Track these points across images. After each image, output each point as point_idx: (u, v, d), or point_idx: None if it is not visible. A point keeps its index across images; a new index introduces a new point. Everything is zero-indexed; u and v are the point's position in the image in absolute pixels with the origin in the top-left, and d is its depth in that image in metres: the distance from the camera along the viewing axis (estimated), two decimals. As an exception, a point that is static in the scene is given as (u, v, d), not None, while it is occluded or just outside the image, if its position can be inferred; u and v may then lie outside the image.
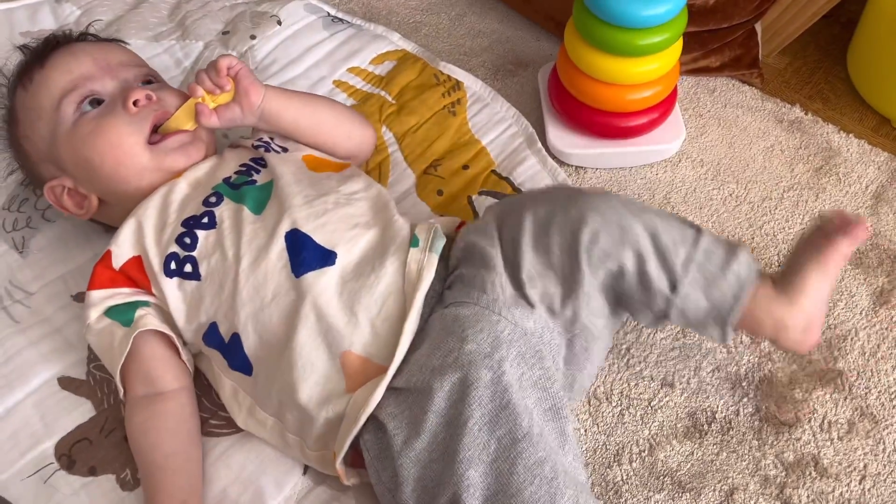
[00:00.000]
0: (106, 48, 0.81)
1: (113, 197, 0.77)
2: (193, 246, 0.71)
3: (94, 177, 0.75)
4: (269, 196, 0.73)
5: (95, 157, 0.74)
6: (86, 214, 0.79)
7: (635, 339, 0.84)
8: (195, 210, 0.73)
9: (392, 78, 1.02)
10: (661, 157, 0.99)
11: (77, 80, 0.75)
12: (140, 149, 0.74)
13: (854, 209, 0.94)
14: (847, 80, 1.10)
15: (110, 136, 0.74)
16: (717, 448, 0.76)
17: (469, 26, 1.17)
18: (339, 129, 0.83)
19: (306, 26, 1.07)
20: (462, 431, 0.60)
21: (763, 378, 0.81)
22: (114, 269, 0.73)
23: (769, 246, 0.91)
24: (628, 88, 0.91)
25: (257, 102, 0.76)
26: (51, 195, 0.78)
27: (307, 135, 0.81)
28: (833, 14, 1.09)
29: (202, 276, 0.71)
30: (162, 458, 0.69)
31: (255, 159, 0.78)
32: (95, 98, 0.76)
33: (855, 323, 0.85)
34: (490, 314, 0.65)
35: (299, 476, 0.72)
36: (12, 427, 0.74)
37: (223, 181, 0.75)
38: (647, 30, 0.85)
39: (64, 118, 0.75)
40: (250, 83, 0.76)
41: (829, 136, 1.02)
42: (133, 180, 0.75)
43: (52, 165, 0.77)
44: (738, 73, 1.08)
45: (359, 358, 0.66)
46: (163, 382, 0.71)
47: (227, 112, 0.76)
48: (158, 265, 0.72)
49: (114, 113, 0.74)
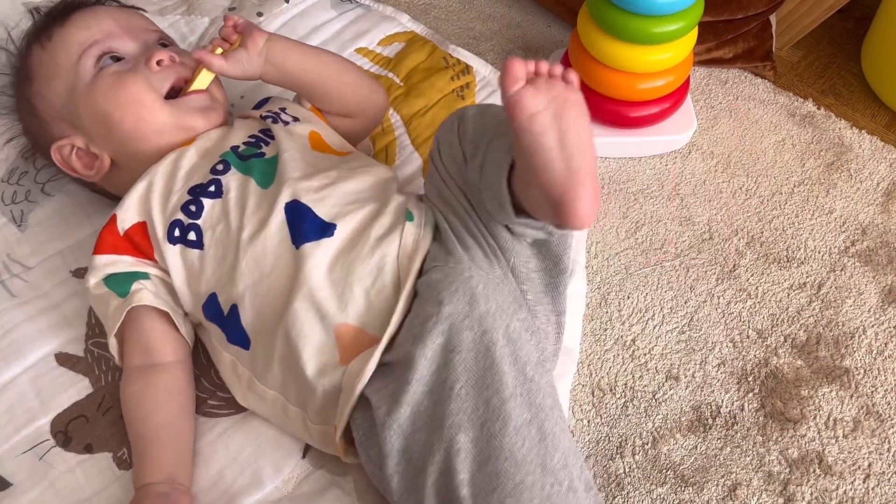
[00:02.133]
0: (127, 12, 0.81)
1: (127, 157, 0.76)
2: (199, 214, 0.71)
3: (112, 133, 0.75)
4: (276, 170, 0.73)
5: (116, 111, 0.73)
6: (95, 176, 0.77)
7: (640, 331, 0.83)
8: (202, 178, 0.72)
9: (400, 60, 1.01)
10: (671, 148, 0.98)
11: (98, 36, 0.75)
12: (160, 104, 0.74)
13: (865, 206, 0.93)
14: (860, 75, 1.09)
15: (132, 90, 0.73)
16: (721, 443, 0.76)
17: (479, 10, 1.15)
18: (345, 78, 0.81)
19: (314, 4, 1.06)
20: (449, 396, 0.59)
21: (769, 374, 0.80)
22: (118, 234, 0.73)
23: (778, 241, 0.90)
24: (641, 77, 0.90)
25: (261, 42, 0.76)
26: (57, 154, 0.76)
27: (314, 82, 0.80)
28: (848, 9, 1.08)
29: (205, 246, 0.70)
30: (153, 430, 0.68)
31: (264, 130, 0.77)
32: (115, 55, 0.76)
33: (863, 321, 0.84)
34: (462, 271, 0.64)
35: (298, 459, 0.71)
36: (8, 402, 0.73)
37: (231, 149, 0.74)
38: (663, 17, 0.84)
39: (83, 72, 0.74)
40: (255, 28, 0.77)
41: (841, 131, 1.01)
42: (153, 137, 0.75)
43: (66, 123, 0.76)
44: (750, 66, 1.06)
45: (353, 329, 0.65)
46: (160, 354, 0.71)
47: (235, 54, 0.76)
48: (162, 232, 0.71)
49: (136, 69, 0.74)
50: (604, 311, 0.84)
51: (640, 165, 0.97)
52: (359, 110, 0.83)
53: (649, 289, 0.86)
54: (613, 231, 0.91)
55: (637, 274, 0.87)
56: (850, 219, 0.92)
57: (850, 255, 0.89)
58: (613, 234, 0.91)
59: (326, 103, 0.82)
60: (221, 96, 0.80)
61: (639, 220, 0.92)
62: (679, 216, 0.93)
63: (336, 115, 0.82)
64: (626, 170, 0.97)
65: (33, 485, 0.69)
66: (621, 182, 0.96)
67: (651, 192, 0.95)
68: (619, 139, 0.96)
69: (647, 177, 0.96)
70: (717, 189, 0.95)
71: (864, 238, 0.91)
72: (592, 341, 0.82)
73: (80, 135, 0.76)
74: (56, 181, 0.87)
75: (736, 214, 0.93)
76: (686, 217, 0.93)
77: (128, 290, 0.71)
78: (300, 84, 0.80)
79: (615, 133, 0.95)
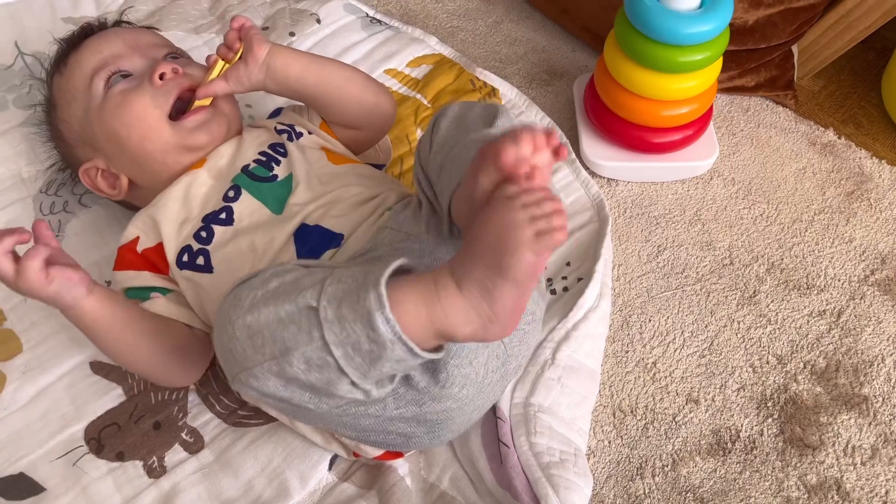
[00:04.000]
0: (137, 31, 0.82)
1: (140, 176, 0.78)
2: (209, 240, 0.73)
3: (123, 152, 0.76)
4: (289, 192, 0.74)
5: (123, 129, 0.75)
6: (118, 195, 0.80)
7: (661, 354, 0.84)
8: (215, 205, 0.74)
9: (428, 82, 1.03)
10: (693, 174, 0.99)
11: (107, 58, 0.77)
12: (162, 123, 0.75)
13: (884, 235, 0.95)
14: (880, 106, 1.10)
15: (136, 108, 0.74)
16: (741, 467, 0.77)
17: (505, 34, 1.17)
18: (349, 90, 0.81)
19: (345, 26, 1.08)
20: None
21: (788, 399, 0.81)
22: (136, 253, 0.75)
23: (798, 268, 0.92)
24: (665, 104, 0.91)
25: (261, 56, 0.75)
26: (86, 178, 0.79)
27: (315, 95, 0.80)
28: (869, 41, 1.10)
29: (214, 269, 0.72)
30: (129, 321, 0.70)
31: (275, 146, 0.78)
32: (123, 72, 0.77)
33: (882, 349, 0.85)
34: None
35: (325, 472, 0.73)
36: (44, 408, 0.75)
37: (242, 171, 0.75)
38: (689, 47, 0.85)
39: (95, 94, 0.76)
40: (256, 38, 0.76)
41: (861, 161, 1.02)
42: (158, 156, 0.76)
43: (88, 146, 0.79)
44: (772, 94, 1.08)
45: None
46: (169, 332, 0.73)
47: (233, 71, 0.76)
48: (172, 256, 0.73)
49: (140, 86, 0.75)
50: (625, 334, 0.86)
51: (662, 190, 0.99)
52: (363, 123, 0.83)
53: (671, 312, 0.88)
54: (636, 254, 0.92)
55: (659, 297, 0.89)
56: (870, 248, 0.93)
57: (869, 284, 0.90)
58: (636, 258, 0.92)
59: (330, 115, 0.82)
60: (229, 108, 0.80)
61: (661, 245, 0.94)
62: (700, 241, 0.94)
63: (341, 126, 0.83)
64: (648, 194, 0.98)
65: (66, 490, 0.71)
66: (644, 206, 0.97)
67: (673, 217, 0.96)
68: (642, 164, 0.97)
69: (670, 202, 0.98)
70: (739, 215, 0.97)
71: (883, 267, 0.92)
72: (614, 363, 0.83)
73: (100, 156, 0.78)
74: (92, 193, 0.90)
75: (756, 241, 0.94)
76: (707, 242, 0.94)
77: (147, 297, 0.73)
78: (302, 97, 0.81)
79: (639, 158, 0.97)
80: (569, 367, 0.76)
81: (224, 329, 0.56)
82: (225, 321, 0.56)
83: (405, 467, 0.72)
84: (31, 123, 0.93)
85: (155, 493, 0.71)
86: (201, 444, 0.74)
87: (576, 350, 0.77)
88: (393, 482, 0.71)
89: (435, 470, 0.73)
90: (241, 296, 0.56)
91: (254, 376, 0.56)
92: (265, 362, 0.55)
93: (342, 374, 0.54)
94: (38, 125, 0.89)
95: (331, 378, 0.54)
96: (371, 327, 0.52)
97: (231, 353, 0.56)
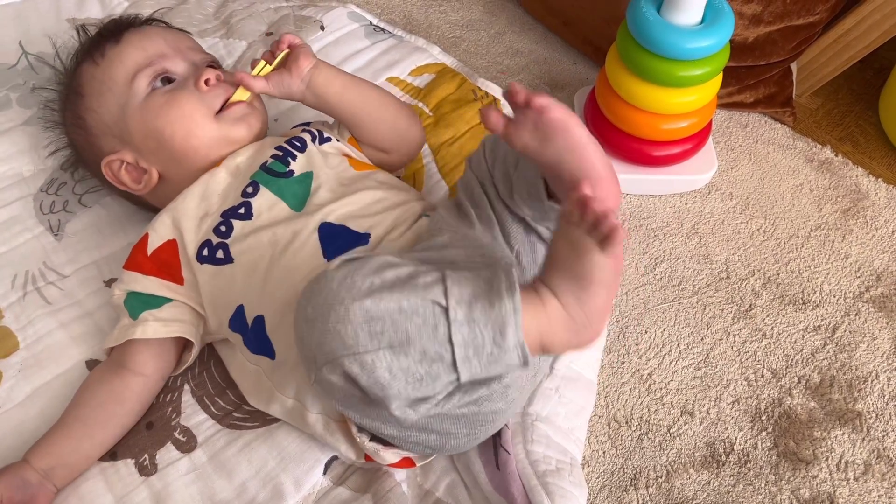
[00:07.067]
0: (176, 33, 0.84)
1: (176, 170, 0.79)
2: (228, 234, 0.73)
3: (163, 148, 0.77)
4: (308, 192, 0.75)
5: (167, 128, 0.76)
6: (143, 189, 0.80)
7: (657, 366, 0.84)
8: (234, 201, 0.75)
9: (430, 91, 1.04)
10: (691, 188, 1.00)
11: (152, 57, 0.78)
12: (209, 120, 0.77)
13: (880, 253, 0.95)
14: (878, 125, 1.11)
15: (183, 108, 0.76)
16: (734, 479, 0.77)
17: (508, 45, 1.18)
18: (383, 115, 0.83)
19: (349, 33, 1.09)
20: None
21: (782, 413, 0.81)
22: (145, 254, 0.75)
23: (794, 283, 0.92)
24: (665, 118, 0.92)
25: (306, 67, 0.78)
26: (108, 170, 0.79)
27: (349, 114, 0.82)
28: (867, 60, 1.11)
29: (234, 259, 0.73)
30: (85, 417, 0.71)
31: (293, 140, 0.79)
32: (167, 76, 0.79)
33: (876, 366, 0.85)
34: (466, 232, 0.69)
35: (319, 476, 0.72)
36: (40, 405, 0.75)
37: (261, 168, 0.77)
38: (690, 62, 0.86)
39: (137, 91, 0.77)
40: (303, 51, 0.79)
41: (857, 178, 1.03)
42: (202, 151, 0.77)
43: (116, 139, 0.79)
44: (771, 111, 1.09)
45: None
46: (142, 367, 0.74)
47: (276, 75, 0.78)
48: (193, 250, 0.74)
49: (186, 89, 0.77)
50: (621, 345, 0.86)
51: (660, 203, 0.99)
52: (393, 146, 0.85)
53: (667, 324, 0.88)
54: (633, 266, 0.93)
55: (655, 309, 0.89)
56: (866, 265, 0.94)
57: (864, 301, 0.91)
58: (633, 269, 0.93)
59: (361, 135, 0.84)
60: (261, 106, 0.83)
61: (658, 257, 0.94)
62: (697, 254, 0.95)
63: (372, 148, 0.84)
64: (646, 207, 0.99)
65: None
66: (642, 219, 0.98)
67: (671, 230, 0.97)
68: (640, 177, 0.98)
69: (668, 215, 0.98)
70: (736, 229, 0.97)
71: (878, 284, 0.92)
72: (610, 374, 0.84)
73: (129, 150, 0.78)
74: (93, 193, 0.90)
75: (753, 255, 0.95)
76: (704, 255, 0.95)
77: (138, 315, 0.74)
78: (336, 114, 0.82)
79: (637, 171, 0.98)
80: (567, 378, 0.76)
81: (332, 309, 0.55)
82: (335, 301, 0.55)
83: (402, 473, 0.72)
84: (36, 119, 0.94)
85: (146, 491, 0.71)
86: (194, 443, 0.74)
87: (574, 360, 0.77)
88: (389, 487, 0.71)
89: (431, 477, 0.73)
90: (357, 280, 0.55)
91: (360, 362, 0.55)
92: (380, 350, 0.54)
93: (452, 371, 0.55)
94: (43, 108, 0.89)
95: (438, 373, 0.55)
96: (501, 333, 0.54)
97: (337, 334, 0.54)
